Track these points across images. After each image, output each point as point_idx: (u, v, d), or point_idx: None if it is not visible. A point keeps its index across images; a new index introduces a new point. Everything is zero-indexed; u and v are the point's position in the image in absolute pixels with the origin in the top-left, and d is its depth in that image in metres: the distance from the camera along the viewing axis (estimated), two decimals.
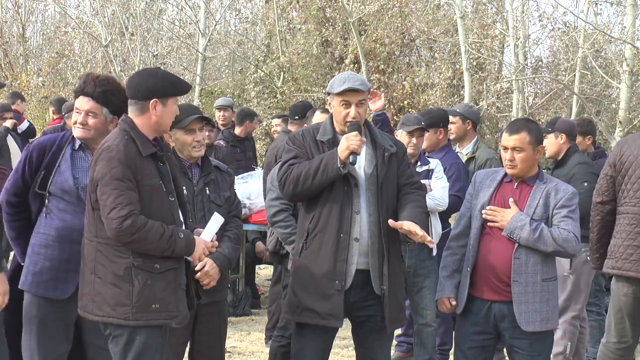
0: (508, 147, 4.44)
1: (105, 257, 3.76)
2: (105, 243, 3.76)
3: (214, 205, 4.69)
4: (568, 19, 14.89)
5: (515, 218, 4.35)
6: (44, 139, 4.45)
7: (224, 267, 4.68)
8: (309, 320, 4.35)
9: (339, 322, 4.33)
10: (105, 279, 3.75)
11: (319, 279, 4.31)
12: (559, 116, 8.70)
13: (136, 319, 3.74)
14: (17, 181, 4.33)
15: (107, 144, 3.79)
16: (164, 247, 3.73)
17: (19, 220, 4.36)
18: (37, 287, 4.26)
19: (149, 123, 3.87)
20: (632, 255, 5.11)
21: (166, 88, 3.88)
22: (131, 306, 3.73)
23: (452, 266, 4.58)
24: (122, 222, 3.65)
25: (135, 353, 3.77)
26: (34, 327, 4.26)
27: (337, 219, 4.31)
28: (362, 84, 4.39)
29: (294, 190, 4.33)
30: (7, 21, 22.03)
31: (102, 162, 3.74)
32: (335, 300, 4.29)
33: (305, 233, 4.40)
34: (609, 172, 5.26)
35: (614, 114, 14.46)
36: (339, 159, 4.25)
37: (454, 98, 15.62)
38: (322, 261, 4.31)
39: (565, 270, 5.94)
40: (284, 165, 4.40)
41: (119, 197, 3.67)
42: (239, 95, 17.52)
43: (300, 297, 4.37)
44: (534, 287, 4.37)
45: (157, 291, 3.77)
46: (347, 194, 4.34)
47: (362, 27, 16.30)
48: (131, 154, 3.75)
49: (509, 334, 4.42)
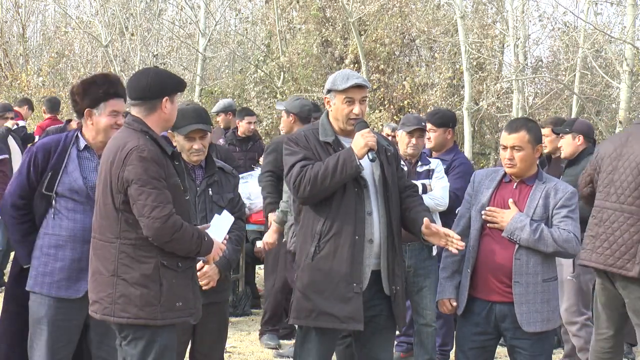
0: (507, 146, 4.43)
1: (131, 258, 3.75)
2: (130, 244, 3.75)
3: (217, 207, 4.69)
4: (568, 19, 14.90)
5: (515, 219, 4.35)
6: (48, 140, 4.43)
7: (224, 268, 4.67)
8: (327, 325, 4.31)
9: (360, 324, 4.28)
10: (132, 280, 3.74)
11: (336, 282, 4.27)
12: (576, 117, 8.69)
13: (164, 317, 3.77)
14: (22, 183, 4.32)
15: (131, 144, 3.76)
16: (193, 247, 3.80)
17: (25, 222, 4.35)
18: (48, 288, 4.26)
19: (159, 121, 3.90)
20: (587, 244, 5.34)
21: (174, 85, 3.96)
22: (159, 305, 3.75)
23: (452, 267, 4.58)
24: (166, 221, 3.67)
25: (156, 354, 3.79)
26: (44, 327, 4.26)
27: (352, 221, 4.28)
28: (364, 81, 4.40)
29: (311, 191, 4.26)
30: (7, 21, 22.04)
31: (134, 162, 3.71)
32: (354, 303, 4.26)
33: (317, 236, 4.32)
34: (592, 167, 5.54)
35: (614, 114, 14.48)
36: (356, 156, 4.23)
37: (454, 98, 15.63)
38: (339, 264, 4.27)
39: (568, 273, 5.97)
40: (295, 167, 4.32)
41: (159, 196, 3.69)
42: (239, 95, 17.53)
43: (315, 301, 4.30)
44: (535, 288, 4.37)
45: (180, 289, 3.82)
46: (359, 195, 4.32)
47: (362, 27, 16.31)
48: (159, 154, 3.79)
49: (510, 335, 4.42)
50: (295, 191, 4.31)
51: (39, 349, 4.26)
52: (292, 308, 4.41)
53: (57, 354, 4.27)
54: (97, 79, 4.30)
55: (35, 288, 4.28)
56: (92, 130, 4.31)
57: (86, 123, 4.32)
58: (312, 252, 4.32)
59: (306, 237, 4.39)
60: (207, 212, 4.62)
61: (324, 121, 4.47)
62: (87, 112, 4.26)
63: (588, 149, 6.25)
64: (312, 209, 4.38)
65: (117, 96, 4.28)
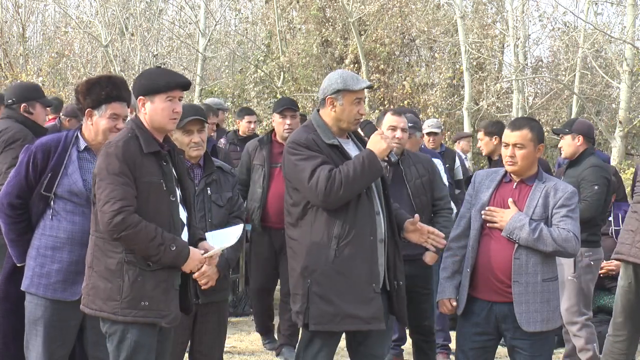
0: (509, 144, 4.43)
1: (101, 251, 3.80)
2: (101, 237, 3.79)
3: (215, 206, 4.70)
4: (568, 19, 14.92)
5: (515, 218, 4.35)
6: (47, 140, 4.39)
7: (223, 267, 4.67)
8: (352, 327, 4.31)
9: (382, 323, 4.31)
10: (99, 273, 3.79)
11: (358, 284, 4.27)
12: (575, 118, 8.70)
13: (124, 314, 3.75)
14: (20, 182, 4.28)
15: (108, 141, 3.85)
16: (151, 252, 3.74)
17: (21, 222, 4.31)
18: (45, 290, 4.24)
19: (145, 120, 3.89)
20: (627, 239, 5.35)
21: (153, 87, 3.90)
22: (120, 301, 3.75)
23: (452, 267, 4.57)
24: (113, 217, 3.67)
25: (128, 351, 3.78)
26: (40, 328, 4.24)
27: (368, 222, 4.30)
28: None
29: (343, 195, 4.21)
30: (7, 21, 22.01)
31: (101, 157, 3.78)
32: (375, 304, 4.27)
33: (335, 240, 4.27)
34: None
35: (614, 114, 14.49)
36: (379, 158, 4.27)
37: (454, 98, 15.64)
38: (360, 266, 4.27)
39: (569, 274, 5.97)
40: (318, 172, 4.23)
41: (113, 191, 3.70)
42: (239, 95, 17.53)
43: (339, 305, 4.26)
44: (535, 288, 4.36)
45: (148, 289, 3.78)
46: (368, 196, 4.34)
47: (362, 27, 16.32)
48: (131, 151, 3.77)
49: (510, 334, 4.41)
50: (325, 196, 4.21)
51: (35, 350, 4.25)
52: (310, 314, 4.31)
53: (54, 355, 4.26)
54: (102, 80, 4.27)
55: (31, 289, 4.26)
56: (91, 131, 4.29)
57: (86, 123, 4.30)
58: (333, 256, 4.27)
59: (319, 241, 4.31)
60: (205, 211, 4.62)
61: (320, 123, 4.41)
62: (88, 112, 4.25)
63: (589, 150, 6.24)
64: (326, 213, 4.30)
65: (119, 99, 4.25)
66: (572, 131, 6.19)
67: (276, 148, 6.39)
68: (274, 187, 6.31)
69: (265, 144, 6.47)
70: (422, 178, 5.49)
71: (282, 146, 5.97)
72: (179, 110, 3.94)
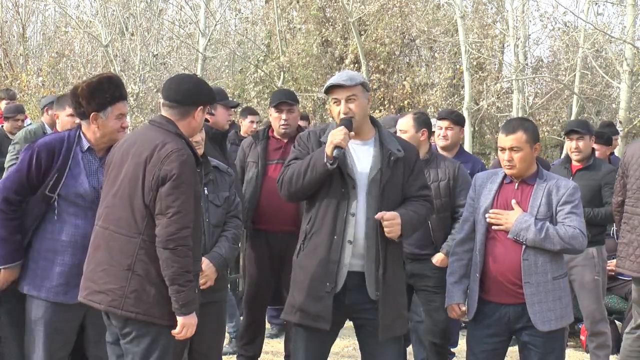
0: (505, 148, 4.42)
1: (150, 256, 3.74)
2: (150, 241, 3.74)
3: (212, 205, 4.70)
4: (568, 19, 14.91)
5: (520, 220, 4.34)
6: (50, 139, 4.34)
7: (221, 267, 4.68)
8: (302, 322, 4.34)
9: (327, 324, 4.27)
10: (148, 278, 3.75)
11: (312, 280, 4.30)
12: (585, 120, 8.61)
13: (170, 319, 3.78)
14: (20, 179, 4.23)
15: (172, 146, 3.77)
16: (179, 280, 3.71)
17: (14, 219, 4.23)
18: (47, 293, 4.22)
19: (187, 128, 3.94)
20: (622, 252, 5.43)
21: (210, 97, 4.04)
22: (169, 305, 3.75)
23: (459, 272, 4.56)
24: (181, 229, 3.68)
25: (160, 353, 3.80)
26: (40, 329, 4.23)
27: (332, 220, 4.29)
28: (347, 79, 4.33)
29: (288, 190, 4.34)
30: (7, 21, 22.02)
31: (173, 163, 3.73)
32: (324, 302, 4.26)
33: (303, 234, 4.39)
34: (619, 172, 5.55)
35: (614, 114, 14.47)
36: (325, 155, 4.23)
37: (454, 98, 15.63)
38: (316, 263, 4.30)
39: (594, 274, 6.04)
40: (284, 167, 4.42)
41: (185, 202, 3.71)
42: (239, 95, 17.52)
43: (296, 297, 4.36)
44: (546, 286, 4.36)
45: None
46: (344, 195, 4.30)
47: (362, 27, 16.31)
48: (193, 160, 3.84)
49: (523, 333, 4.41)
50: (279, 190, 4.42)
51: (36, 351, 4.24)
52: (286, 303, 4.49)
53: (55, 355, 4.25)
54: (104, 82, 4.23)
55: (33, 292, 4.23)
56: (96, 133, 4.27)
57: (90, 125, 4.27)
58: (298, 250, 4.41)
59: (300, 235, 4.47)
60: (203, 211, 4.62)
61: (332, 121, 4.51)
62: (93, 115, 4.21)
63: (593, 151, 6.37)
64: (304, 208, 4.47)
65: (122, 99, 4.26)
66: (589, 132, 6.25)
67: (273, 144, 5.99)
68: (268, 185, 5.77)
69: (260, 139, 6.00)
70: (440, 182, 5.49)
71: (279, 142, 5.99)
72: None
